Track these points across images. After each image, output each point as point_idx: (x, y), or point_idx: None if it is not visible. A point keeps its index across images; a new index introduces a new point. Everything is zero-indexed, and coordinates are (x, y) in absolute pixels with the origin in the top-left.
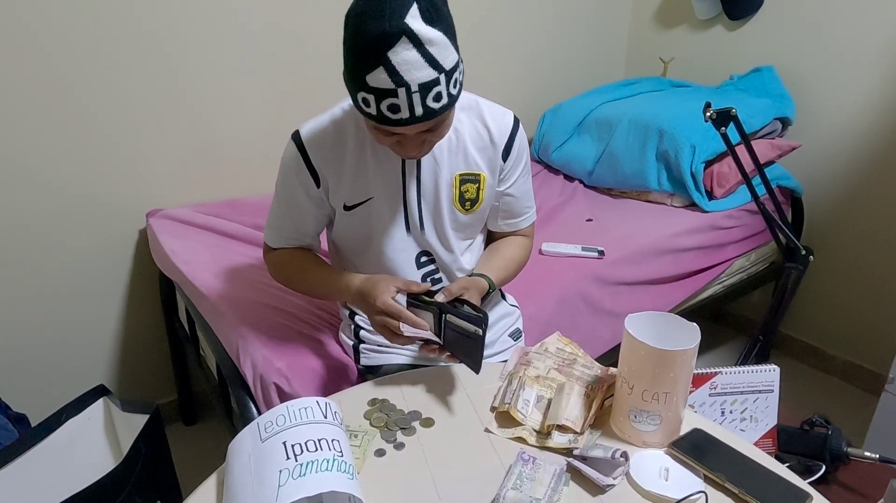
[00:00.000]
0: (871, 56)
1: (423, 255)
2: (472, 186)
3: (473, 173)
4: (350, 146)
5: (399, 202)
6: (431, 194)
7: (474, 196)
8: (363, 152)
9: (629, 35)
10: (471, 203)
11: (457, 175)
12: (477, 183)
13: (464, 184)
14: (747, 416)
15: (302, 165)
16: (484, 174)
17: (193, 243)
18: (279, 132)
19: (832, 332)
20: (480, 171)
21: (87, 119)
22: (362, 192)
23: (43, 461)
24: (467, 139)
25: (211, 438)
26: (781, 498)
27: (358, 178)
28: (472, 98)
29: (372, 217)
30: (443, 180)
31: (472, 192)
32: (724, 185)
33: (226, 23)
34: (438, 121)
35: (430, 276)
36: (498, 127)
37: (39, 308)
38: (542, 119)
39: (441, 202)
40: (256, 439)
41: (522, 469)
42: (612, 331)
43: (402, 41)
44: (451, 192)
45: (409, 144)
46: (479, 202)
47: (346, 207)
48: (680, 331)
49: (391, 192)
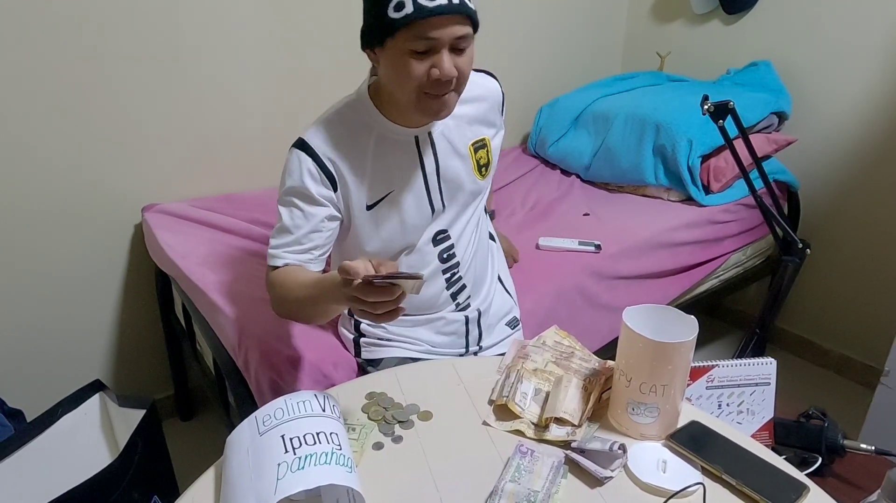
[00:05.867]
0: (868, 50)
1: (440, 234)
2: (483, 152)
3: (481, 139)
4: (364, 141)
5: (421, 187)
6: (451, 171)
7: (487, 160)
8: (381, 147)
9: (626, 29)
10: (486, 168)
11: (469, 145)
12: (485, 147)
13: (477, 151)
14: (744, 409)
15: (313, 169)
16: (488, 137)
17: (189, 238)
18: (276, 126)
19: (828, 326)
20: (485, 136)
21: (83, 113)
22: (384, 186)
23: (39, 456)
24: (467, 110)
25: (208, 433)
26: (778, 489)
27: (377, 175)
28: None
29: (394, 209)
30: (458, 155)
31: (484, 156)
32: (720, 179)
33: (222, 17)
34: (466, 35)
35: (446, 252)
36: (490, 91)
37: (35, 303)
38: (539, 113)
39: (461, 176)
40: (255, 433)
41: (520, 461)
42: (610, 324)
43: None
44: (470, 162)
45: (446, 64)
46: (491, 164)
47: (368, 207)
48: (678, 323)
49: (411, 179)
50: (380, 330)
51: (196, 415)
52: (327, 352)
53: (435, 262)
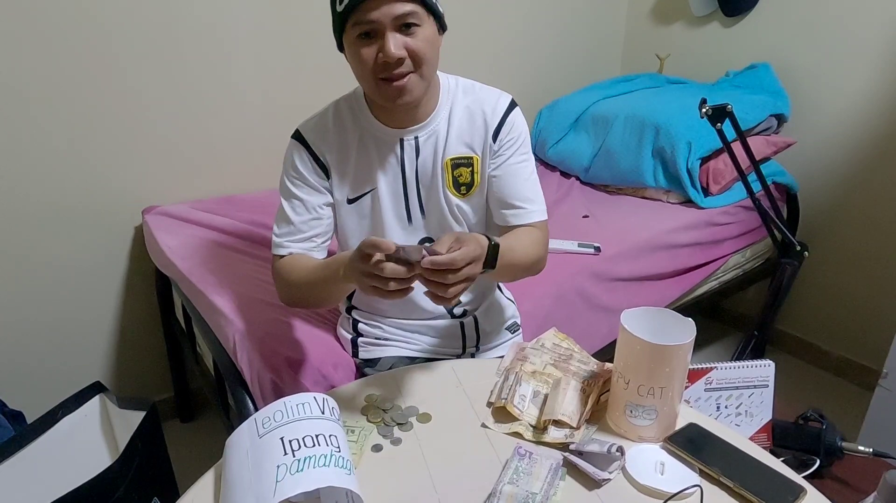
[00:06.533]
0: (867, 53)
1: (426, 242)
2: (465, 170)
3: (466, 156)
4: (351, 136)
5: (400, 190)
6: (429, 179)
7: (469, 180)
8: (364, 142)
9: (625, 31)
10: (466, 187)
11: (448, 160)
12: (471, 166)
13: (456, 168)
14: (742, 411)
15: (306, 158)
16: (477, 157)
17: (190, 240)
18: (276, 128)
19: (827, 328)
20: (474, 154)
21: (83, 115)
22: (365, 182)
23: (39, 458)
24: (462, 122)
25: (208, 435)
26: (776, 492)
27: (360, 169)
28: (468, 82)
29: (374, 207)
30: (438, 166)
31: (466, 175)
32: (719, 181)
33: (222, 19)
34: (411, 12)
35: None
36: (493, 108)
37: (35, 305)
38: (539, 116)
39: (438, 187)
40: (254, 435)
41: (519, 463)
42: (609, 326)
43: None
44: (445, 176)
45: (389, 45)
46: (476, 186)
47: (349, 201)
48: (676, 326)
49: (392, 181)
50: (377, 330)
51: (196, 416)
52: (327, 354)
53: None
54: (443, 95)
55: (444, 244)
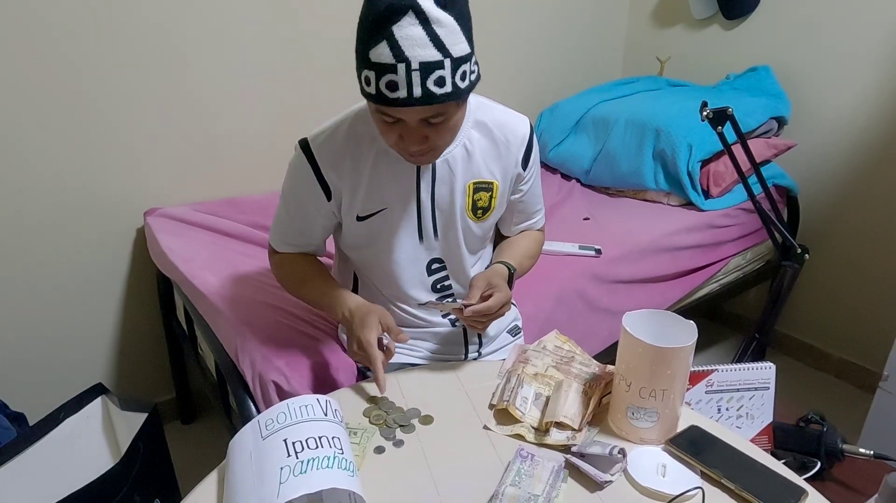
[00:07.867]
0: (867, 55)
1: (435, 262)
2: (485, 195)
3: (486, 181)
4: (365, 156)
5: (413, 211)
6: (446, 203)
7: (486, 204)
8: (379, 161)
9: (626, 34)
10: (483, 211)
11: (470, 183)
12: (490, 191)
13: (477, 192)
14: (743, 413)
15: (312, 178)
16: (497, 182)
17: (192, 242)
18: (278, 129)
19: (827, 330)
20: (494, 180)
21: (86, 116)
22: (377, 202)
23: (41, 459)
24: (483, 147)
25: (209, 437)
26: (777, 494)
27: (373, 189)
28: (481, 100)
29: (385, 226)
30: (457, 189)
31: (485, 200)
32: (720, 183)
33: (225, 20)
34: (439, 112)
35: (440, 283)
36: (515, 136)
37: (37, 306)
38: (540, 118)
39: (455, 210)
40: (258, 437)
41: (521, 466)
42: (610, 328)
43: (409, 16)
44: (465, 200)
45: (410, 137)
46: (491, 210)
47: (358, 218)
48: (677, 328)
49: (405, 202)
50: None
51: (198, 418)
52: (329, 356)
53: (426, 292)
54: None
55: (477, 290)
